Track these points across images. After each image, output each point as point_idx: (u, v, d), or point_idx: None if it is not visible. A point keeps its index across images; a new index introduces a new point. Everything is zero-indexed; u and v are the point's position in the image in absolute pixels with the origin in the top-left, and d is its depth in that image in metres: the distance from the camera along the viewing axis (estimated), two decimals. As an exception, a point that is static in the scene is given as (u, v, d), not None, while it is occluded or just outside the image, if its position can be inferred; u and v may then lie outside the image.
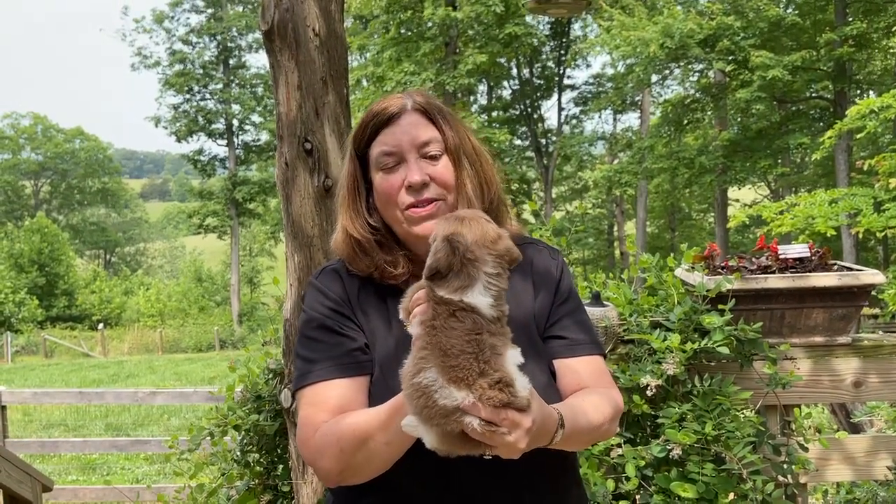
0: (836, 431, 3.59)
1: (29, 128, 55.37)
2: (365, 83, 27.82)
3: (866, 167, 8.48)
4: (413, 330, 1.20)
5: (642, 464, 2.62)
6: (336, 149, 2.71)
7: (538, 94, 33.72)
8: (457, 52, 27.07)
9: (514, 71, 33.18)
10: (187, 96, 38.98)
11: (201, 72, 39.07)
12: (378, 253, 1.47)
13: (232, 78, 39.75)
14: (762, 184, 29.32)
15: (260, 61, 53.60)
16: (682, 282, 3.01)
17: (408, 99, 1.48)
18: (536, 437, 1.18)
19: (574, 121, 34.55)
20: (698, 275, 2.89)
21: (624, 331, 2.84)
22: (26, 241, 42.19)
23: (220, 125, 39.46)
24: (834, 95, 21.39)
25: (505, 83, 34.19)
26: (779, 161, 23.83)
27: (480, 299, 1.17)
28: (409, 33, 27.01)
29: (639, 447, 2.66)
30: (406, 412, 1.19)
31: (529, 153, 34.33)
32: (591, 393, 1.42)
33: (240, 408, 3.08)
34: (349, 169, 1.52)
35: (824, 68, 20.75)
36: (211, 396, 5.51)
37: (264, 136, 39.37)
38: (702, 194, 29.82)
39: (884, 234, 8.07)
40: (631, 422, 2.73)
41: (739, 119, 24.15)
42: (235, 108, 39.31)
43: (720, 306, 2.75)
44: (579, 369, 1.45)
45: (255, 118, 39.77)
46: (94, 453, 8.73)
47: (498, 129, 29.43)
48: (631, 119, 35.70)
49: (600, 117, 34.32)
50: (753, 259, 2.96)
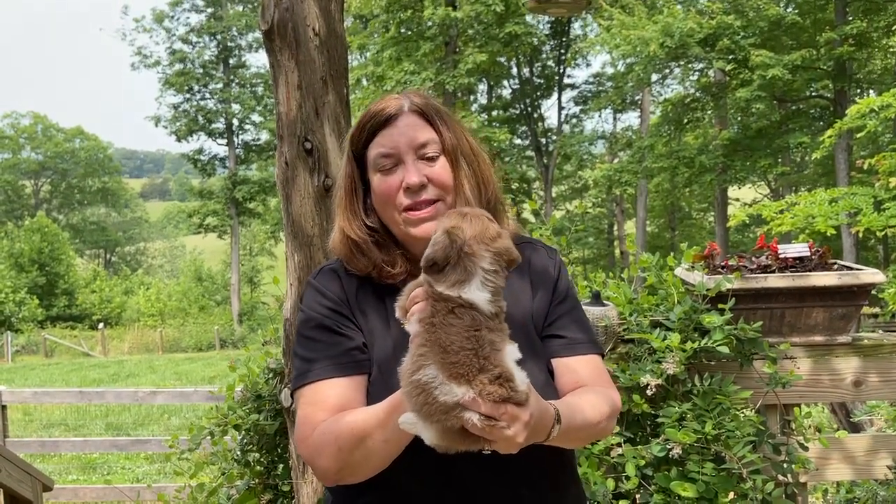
0: (836, 431, 3.59)
1: (29, 127, 55.37)
2: (365, 82, 27.81)
3: (866, 166, 8.47)
4: (411, 328, 1.21)
5: (642, 463, 2.62)
6: (336, 148, 2.71)
7: (538, 94, 33.72)
8: (457, 51, 27.07)
9: (514, 70, 33.18)
10: (187, 96, 38.98)
11: (201, 71, 39.06)
12: (376, 253, 1.47)
13: (232, 77, 39.74)
14: (762, 183, 29.32)
15: (260, 61, 53.62)
16: (682, 281, 3.01)
17: (405, 100, 1.48)
18: (534, 433, 1.18)
19: (574, 120, 34.56)
20: (698, 274, 2.89)
21: (624, 330, 2.84)
22: (26, 240, 42.19)
23: (220, 125, 39.46)
24: (834, 94, 21.39)
25: (505, 82, 34.19)
26: (779, 160, 23.84)
27: (478, 295, 1.18)
28: (408, 33, 27.01)
29: (639, 446, 2.66)
30: (404, 410, 1.19)
31: (529, 152, 34.32)
32: (589, 391, 1.42)
33: (240, 407, 3.08)
34: (347, 170, 1.52)
35: (824, 67, 20.75)
36: (211, 396, 5.52)
37: (264, 136, 39.38)
38: (702, 193, 29.82)
39: (884, 233, 8.07)
40: (631, 421, 2.73)
41: (739, 118, 24.15)
42: (235, 107, 39.30)
43: (720, 305, 2.75)
44: (577, 368, 1.46)
45: (255, 118, 39.79)
46: (94, 453, 8.73)
47: (498, 128, 29.43)
48: (631, 118, 35.73)
49: (600, 116, 34.37)
50: (753, 258, 2.96)
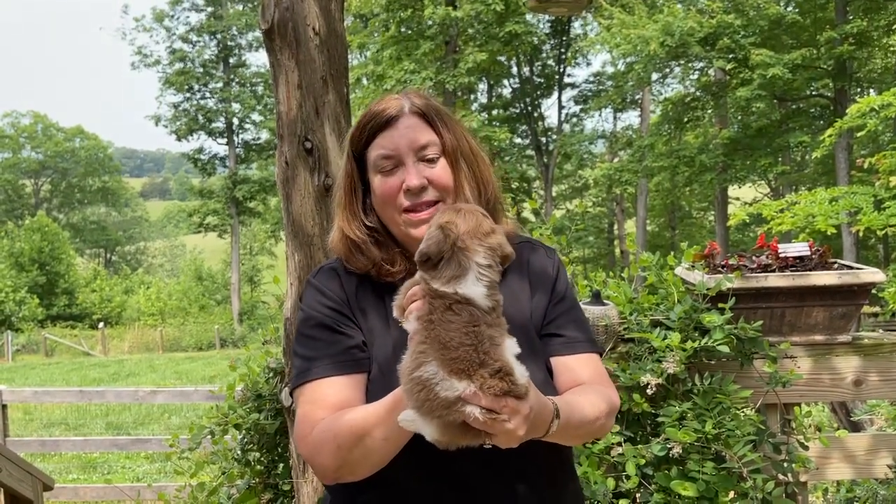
0: (837, 430, 3.60)
1: (29, 126, 55.36)
2: (365, 82, 27.81)
3: (867, 165, 8.48)
4: (409, 326, 1.21)
5: (643, 462, 2.63)
6: (336, 148, 2.71)
7: (538, 93, 33.70)
8: (457, 50, 27.07)
9: (515, 69, 33.16)
10: (187, 95, 38.96)
11: (201, 70, 39.04)
12: (375, 252, 1.48)
13: (232, 76, 39.72)
14: (762, 182, 29.30)
15: (260, 60, 53.60)
16: (683, 280, 3.01)
17: (405, 101, 1.49)
18: (533, 427, 1.19)
19: (574, 119, 34.54)
20: (698, 273, 2.89)
21: (624, 329, 2.84)
22: (27, 239, 42.19)
23: (220, 124, 39.44)
24: (834, 93, 21.38)
25: (505, 81, 34.17)
26: (779, 159, 23.84)
27: (474, 289, 1.19)
28: (409, 32, 27.00)
29: (639, 446, 2.66)
30: (404, 407, 1.19)
31: (530, 151, 34.32)
32: (587, 389, 1.43)
33: (240, 406, 3.08)
34: (346, 169, 1.53)
35: (824, 66, 20.74)
36: (211, 395, 5.53)
37: (264, 135, 39.36)
38: (702, 193, 29.81)
39: (884, 232, 8.07)
40: (631, 420, 2.73)
41: (740, 117, 24.14)
42: (235, 106, 39.28)
43: (720, 305, 2.75)
44: (576, 367, 1.47)
45: (255, 117, 39.77)
46: (94, 452, 8.74)
47: (498, 127, 29.42)
48: (631, 117, 35.70)
49: (600, 115, 34.31)
50: (754, 257, 2.96)
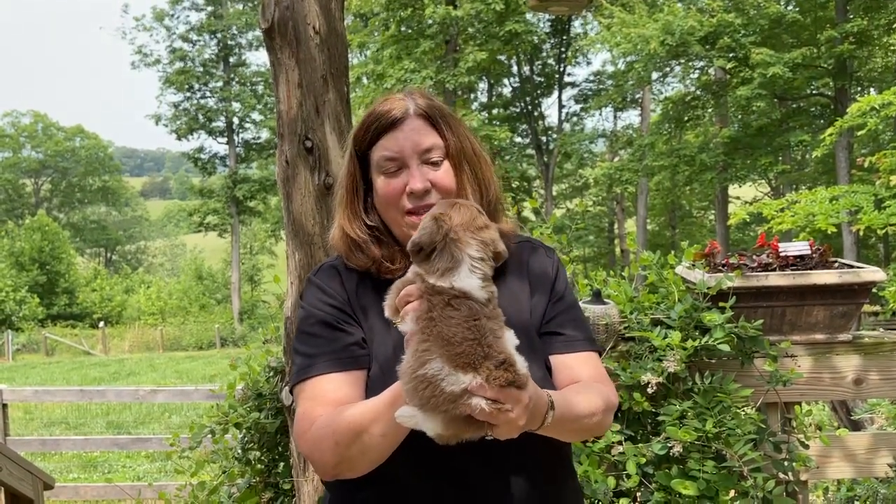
0: (837, 429, 3.60)
1: (29, 126, 55.35)
2: (365, 81, 27.81)
3: (867, 164, 8.47)
4: (407, 326, 1.21)
5: (643, 461, 2.63)
6: (337, 147, 2.71)
7: (538, 92, 33.69)
8: (457, 49, 27.07)
9: (515, 68, 33.15)
10: (188, 94, 38.96)
11: (201, 70, 39.03)
12: (375, 251, 1.49)
13: (232, 76, 39.72)
14: (763, 181, 29.28)
15: (260, 59, 53.50)
16: (683, 279, 3.01)
17: (410, 102, 1.49)
18: (531, 418, 1.20)
19: (574, 118, 34.52)
20: (699, 272, 2.89)
21: (625, 328, 2.84)
22: (27, 239, 42.20)
23: (220, 123, 39.45)
24: (834, 92, 21.38)
25: (505, 81, 34.16)
26: (779, 158, 23.83)
27: (469, 282, 1.20)
28: (409, 31, 27.00)
29: (640, 444, 2.66)
30: (402, 404, 1.20)
31: (530, 151, 34.30)
32: (584, 386, 1.44)
33: (241, 406, 3.08)
34: (349, 168, 1.53)
35: (825, 65, 20.74)
36: (212, 394, 5.52)
37: (265, 134, 39.36)
38: (702, 192, 29.80)
39: (884, 231, 8.08)
40: (632, 419, 2.73)
41: (740, 116, 24.13)
42: (236, 105, 39.28)
43: (721, 304, 2.75)
44: (574, 365, 1.47)
45: (255, 116, 39.77)
46: (95, 451, 8.74)
47: (498, 126, 29.43)
48: (631, 116, 35.70)
49: (601, 115, 34.27)
50: (754, 256, 2.95)
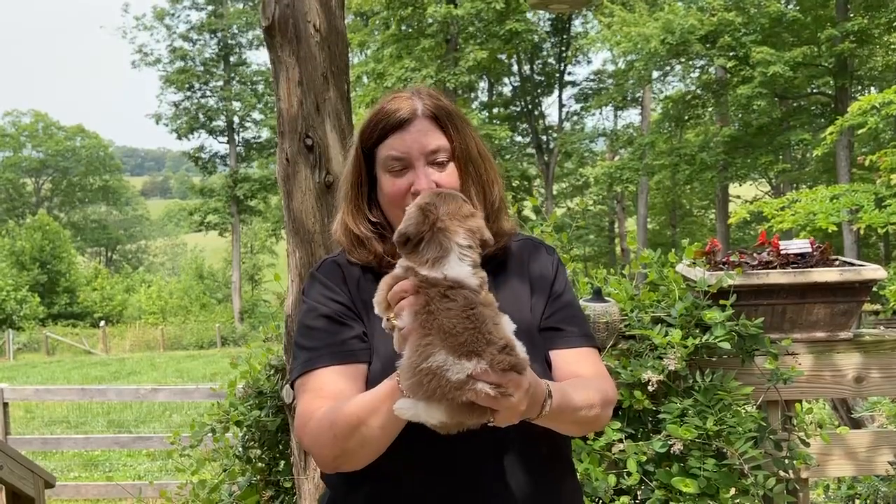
0: (838, 426, 3.60)
1: (30, 125, 55.36)
2: (365, 80, 27.82)
3: (867, 163, 8.47)
4: (402, 321, 1.20)
5: (643, 459, 2.63)
6: (337, 145, 2.71)
7: (539, 91, 33.69)
8: (457, 48, 27.07)
9: (515, 67, 33.15)
10: (188, 93, 38.93)
11: (202, 69, 39.01)
12: (377, 246, 1.50)
13: (233, 75, 39.69)
14: (763, 180, 29.29)
15: (261, 58, 53.51)
16: (684, 277, 3.01)
17: (418, 103, 1.49)
18: (530, 404, 1.20)
19: (575, 117, 34.52)
20: (699, 270, 2.88)
21: (625, 326, 2.84)
22: (28, 238, 42.22)
23: (220, 122, 39.42)
24: (835, 91, 21.38)
25: (506, 80, 34.16)
26: (780, 157, 23.82)
27: (460, 269, 1.20)
28: (409, 30, 27.01)
29: (640, 442, 2.66)
30: (399, 396, 1.21)
31: (530, 150, 34.31)
32: (581, 379, 1.44)
33: (241, 404, 3.08)
34: (354, 165, 1.54)
35: (825, 64, 20.74)
36: (212, 393, 5.52)
37: (265, 133, 39.35)
38: (703, 191, 29.83)
39: (885, 230, 8.08)
40: (632, 417, 2.73)
41: (740, 115, 24.12)
42: (236, 105, 39.25)
43: (721, 302, 2.75)
44: (574, 360, 1.48)
45: (255, 115, 39.75)
46: (96, 450, 8.75)
47: (499, 125, 29.44)
48: (632, 115, 35.63)
49: (601, 114, 34.28)
50: (755, 254, 2.95)
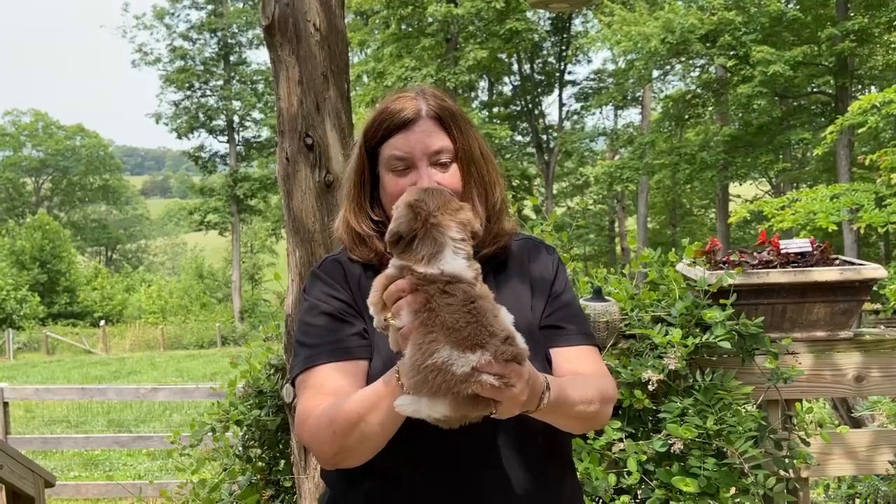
0: (838, 426, 3.60)
1: (30, 125, 55.35)
2: (366, 79, 27.82)
3: (868, 162, 8.48)
4: (402, 321, 1.20)
5: (644, 458, 2.63)
6: (337, 144, 2.71)
7: (539, 90, 33.68)
8: (457, 47, 27.06)
9: (515, 67, 33.14)
10: (188, 93, 38.91)
11: (202, 68, 38.99)
12: (379, 244, 1.50)
13: (233, 74, 39.67)
14: (763, 179, 29.28)
15: (261, 57, 53.51)
16: (684, 277, 3.00)
17: (423, 103, 1.50)
18: (530, 396, 1.21)
19: (575, 117, 34.51)
20: (700, 269, 2.88)
21: (625, 326, 2.84)
22: (28, 238, 42.22)
23: (220, 122, 39.40)
24: (835, 91, 21.37)
25: (506, 79, 34.15)
26: (780, 156, 23.83)
27: (455, 263, 1.20)
28: (409, 29, 27.00)
29: (640, 442, 2.66)
30: (397, 391, 1.22)
31: (530, 149, 34.30)
32: (581, 376, 1.45)
33: (241, 403, 3.08)
34: (358, 163, 1.54)
35: (826, 63, 20.72)
36: (213, 392, 5.53)
37: (265, 133, 39.34)
38: (703, 190, 29.81)
39: (885, 229, 8.08)
40: (632, 416, 2.73)
41: (741, 115, 24.11)
42: (236, 104, 39.23)
43: (722, 301, 2.75)
44: (574, 358, 1.49)
45: (255, 114, 39.73)
46: (96, 449, 8.75)
47: (499, 124, 29.43)
48: (632, 115, 35.62)
49: (601, 113, 34.27)
50: (755, 254, 2.95)
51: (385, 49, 26.58)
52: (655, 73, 25.23)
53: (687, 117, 25.00)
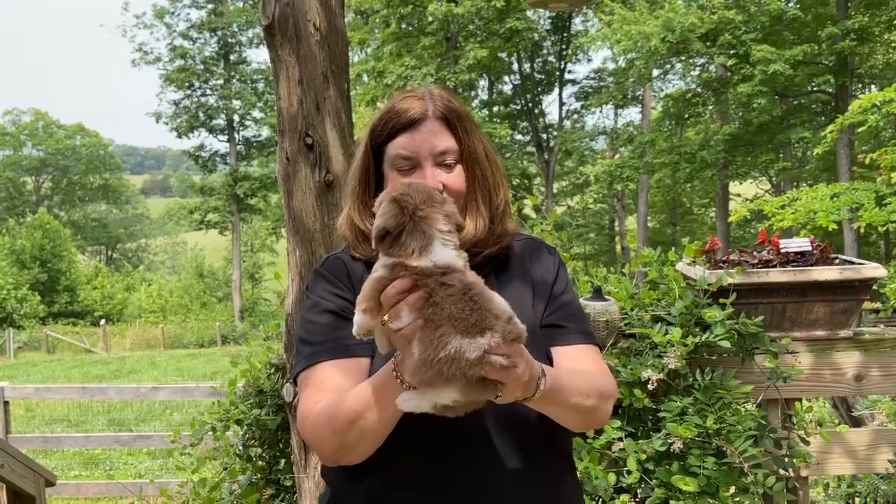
0: (838, 425, 3.60)
1: (30, 124, 55.35)
2: (366, 78, 27.80)
3: (868, 161, 8.49)
4: (403, 321, 1.18)
5: (643, 457, 2.63)
6: (337, 143, 2.72)
7: (539, 89, 33.66)
8: (458, 46, 27.06)
9: (515, 66, 33.13)
10: (188, 92, 38.92)
11: (202, 67, 38.99)
12: None
13: (233, 73, 39.67)
14: (764, 178, 29.27)
15: (261, 56, 53.57)
16: (684, 276, 3.01)
17: (430, 103, 1.50)
18: (528, 380, 1.22)
19: (575, 116, 34.50)
20: (699, 269, 2.88)
21: (625, 325, 2.84)
22: (28, 237, 42.23)
23: (220, 121, 39.40)
24: (835, 90, 21.37)
25: (506, 78, 34.14)
26: (780, 155, 23.81)
27: (447, 253, 1.20)
28: (409, 28, 27.00)
29: (640, 441, 2.67)
30: (391, 387, 1.23)
31: (530, 148, 34.30)
32: (580, 371, 1.46)
33: (242, 402, 3.09)
34: (363, 161, 1.55)
35: (826, 62, 20.71)
36: (213, 391, 5.53)
37: (265, 132, 39.34)
38: (703, 189, 29.79)
39: (885, 228, 8.08)
40: (632, 416, 2.74)
41: (741, 113, 24.10)
42: (236, 103, 39.23)
43: (721, 300, 2.75)
44: (574, 357, 1.49)
45: (255, 114, 39.74)
46: (96, 448, 8.76)
47: (499, 123, 29.43)
48: (632, 114, 35.62)
49: (601, 112, 34.26)
50: (755, 253, 2.95)
51: (385, 48, 26.57)
52: (655, 72, 25.23)
53: (687, 116, 24.99)
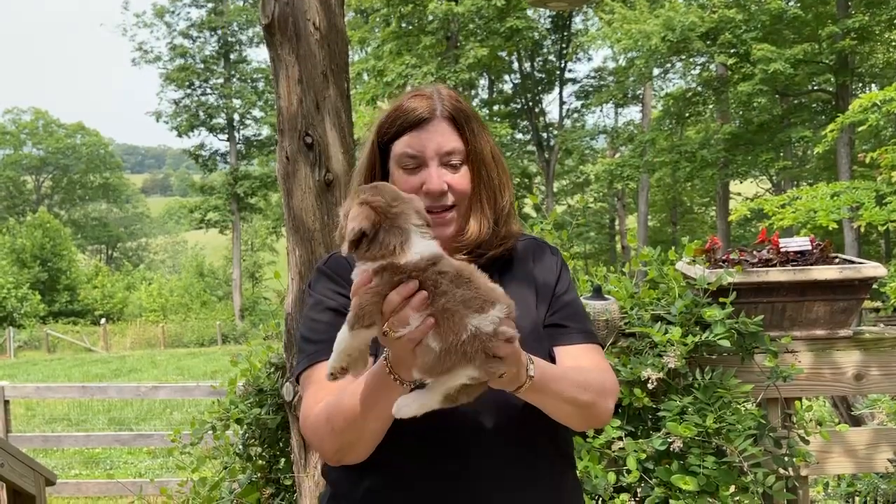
0: (837, 424, 3.60)
1: (30, 123, 55.36)
2: (366, 77, 27.79)
3: (868, 160, 8.48)
4: (412, 325, 1.15)
5: (643, 457, 2.63)
6: (337, 143, 2.72)
7: (539, 88, 33.64)
8: (458, 45, 27.05)
9: (516, 65, 33.10)
10: (188, 91, 38.92)
11: (202, 66, 39.00)
12: None
13: (233, 72, 39.67)
14: (764, 177, 29.24)
15: (261, 55, 53.50)
16: (684, 275, 3.01)
17: (438, 103, 1.50)
18: (518, 362, 1.22)
19: (575, 115, 34.47)
20: (699, 268, 2.88)
21: (625, 324, 2.84)
22: (28, 236, 42.24)
23: (221, 120, 39.40)
24: (836, 89, 21.36)
25: (506, 77, 34.11)
26: (781, 154, 23.79)
27: (427, 244, 1.20)
28: (409, 27, 26.98)
29: (640, 440, 2.67)
30: (385, 385, 1.23)
31: (531, 147, 34.28)
32: (576, 367, 1.46)
33: (242, 402, 3.09)
34: (369, 158, 1.55)
35: (826, 61, 20.70)
36: (213, 391, 5.54)
37: (265, 131, 39.34)
38: (703, 188, 29.79)
39: (886, 227, 8.08)
40: (632, 415, 2.74)
41: (741, 112, 24.08)
42: (236, 102, 39.23)
43: (721, 299, 2.75)
44: (576, 355, 1.50)
45: (256, 113, 39.74)
46: (96, 447, 8.76)
47: (499, 122, 29.42)
48: (632, 113, 35.65)
49: (602, 111, 34.25)
50: (755, 252, 2.95)
51: (385, 47, 26.55)
52: (656, 71, 25.22)
53: (687, 115, 24.98)
